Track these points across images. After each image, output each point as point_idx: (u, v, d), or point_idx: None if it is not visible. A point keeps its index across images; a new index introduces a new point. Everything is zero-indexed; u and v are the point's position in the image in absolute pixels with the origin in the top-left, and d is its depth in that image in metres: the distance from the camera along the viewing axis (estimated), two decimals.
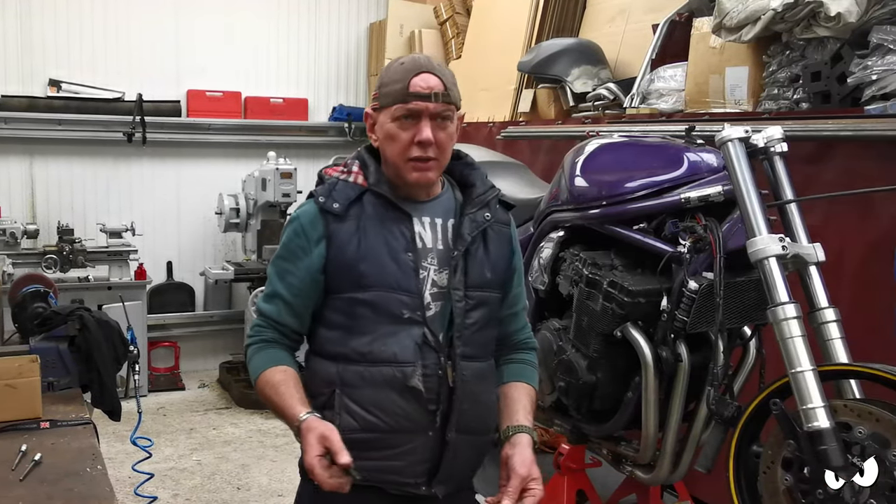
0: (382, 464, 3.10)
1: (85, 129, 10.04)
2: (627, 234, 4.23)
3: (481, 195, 3.25)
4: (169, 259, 10.69)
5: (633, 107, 6.66)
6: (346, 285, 3.10)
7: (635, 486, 4.91)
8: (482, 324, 3.21)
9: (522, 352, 3.49)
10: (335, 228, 3.10)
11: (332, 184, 3.16)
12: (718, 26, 5.51)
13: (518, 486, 3.02)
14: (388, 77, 3.08)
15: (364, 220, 3.10)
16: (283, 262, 3.18)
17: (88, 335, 4.92)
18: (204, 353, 10.90)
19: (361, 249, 3.07)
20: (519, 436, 3.18)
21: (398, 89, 3.03)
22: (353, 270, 3.07)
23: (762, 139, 3.80)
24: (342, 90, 11.49)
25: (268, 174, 9.85)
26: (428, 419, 3.10)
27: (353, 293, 3.09)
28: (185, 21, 10.52)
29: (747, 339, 4.29)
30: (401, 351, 3.07)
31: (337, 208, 3.09)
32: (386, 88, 3.07)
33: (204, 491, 7.18)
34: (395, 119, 3.04)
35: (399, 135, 3.04)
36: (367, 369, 3.07)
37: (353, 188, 3.14)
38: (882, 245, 4.48)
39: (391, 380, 3.05)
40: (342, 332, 3.13)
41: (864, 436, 3.17)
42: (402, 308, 3.08)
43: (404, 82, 3.02)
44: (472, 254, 3.19)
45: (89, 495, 3.45)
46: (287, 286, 3.16)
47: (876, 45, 4.70)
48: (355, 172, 3.18)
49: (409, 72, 3.04)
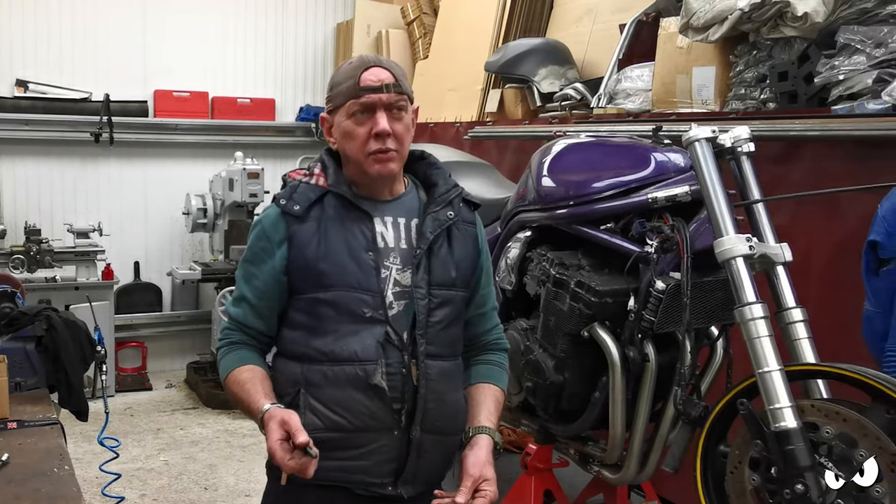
0: (348, 463, 3.10)
1: (52, 129, 10.00)
2: (595, 234, 4.23)
3: (444, 194, 3.26)
4: (136, 259, 10.64)
5: (601, 107, 6.67)
6: (307, 285, 3.12)
7: (602, 486, 4.91)
8: (447, 322, 3.21)
9: (492, 352, 3.49)
10: (296, 230, 3.12)
11: (294, 187, 3.19)
12: (685, 26, 5.52)
13: (470, 486, 3.03)
14: (338, 78, 3.15)
15: (324, 221, 3.13)
16: (248, 266, 3.22)
17: (56, 335, 4.89)
18: (171, 353, 10.86)
19: (321, 249, 3.09)
20: (478, 437, 3.19)
21: (349, 86, 3.07)
22: (313, 270, 3.09)
23: (729, 139, 3.80)
24: (309, 90, 11.46)
25: (235, 174, 9.84)
26: (393, 418, 3.10)
27: (315, 293, 3.11)
28: (152, 21, 10.48)
29: (715, 339, 4.30)
30: (362, 349, 3.07)
31: (297, 210, 3.12)
32: (337, 88, 3.12)
33: (171, 491, 7.15)
34: (350, 116, 3.09)
35: (356, 130, 3.08)
36: (329, 368, 3.08)
37: (313, 190, 3.17)
38: (849, 245, 4.48)
39: (354, 378, 3.06)
40: (305, 332, 3.15)
41: (832, 436, 3.17)
42: (364, 307, 3.09)
43: (354, 78, 3.07)
44: (436, 252, 3.20)
45: (57, 495, 3.43)
46: (252, 289, 3.19)
47: (843, 45, 4.71)
48: (317, 174, 3.21)
49: (358, 68, 3.09)
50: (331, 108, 3.16)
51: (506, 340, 3.59)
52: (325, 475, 3.01)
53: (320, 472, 2.96)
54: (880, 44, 4.55)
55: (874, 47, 4.57)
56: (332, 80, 3.18)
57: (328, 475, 3.05)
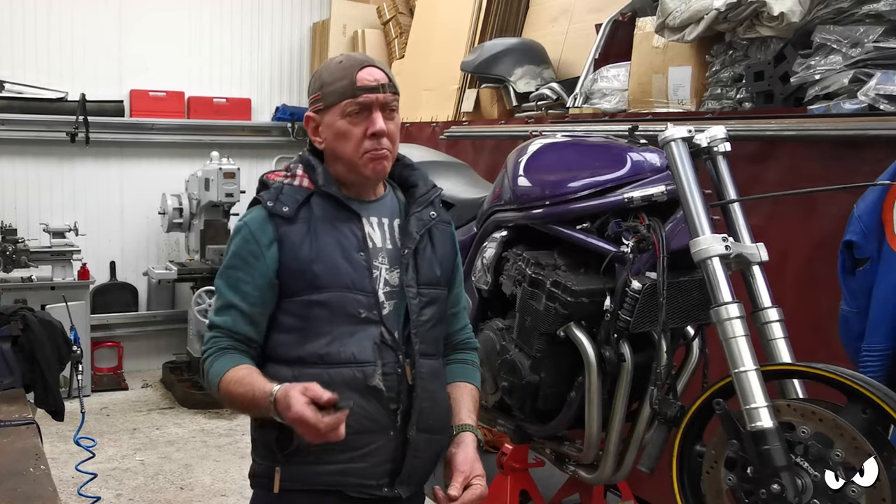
0: (344, 466, 3.07)
1: (28, 129, 9.99)
2: (570, 233, 4.22)
3: (425, 194, 3.27)
4: (112, 259, 10.64)
5: (577, 106, 6.67)
6: (300, 287, 3.06)
7: (579, 486, 4.90)
8: (435, 321, 3.23)
9: (464, 351, 3.51)
10: (286, 231, 3.07)
11: (278, 188, 3.13)
12: (661, 26, 5.52)
13: (462, 482, 3.06)
14: (330, 76, 3.08)
15: (314, 222, 3.09)
16: (234, 272, 3.12)
17: (31, 335, 4.90)
18: (147, 352, 10.86)
19: (314, 251, 3.05)
20: (462, 434, 3.22)
21: (345, 85, 3.03)
22: (306, 272, 3.04)
23: (705, 139, 3.80)
24: (285, 90, 11.46)
25: (211, 174, 9.84)
26: (389, 419, 3.09)
27: (308, 295, 3.06)
28: (128, 21, 10.47)
29: (690, 339, 4.29)
30: (360, 351, 3.05)
31: (286, 211, 3.06)
32: (330, 87, 3.07)
33: (147, 491, 7.14)
34: (345, 115, 3.05)
35: (351, 131, 3.05)
36: (325, 371, 3.03)
37: (299, 191, 3.13)
38: (825, 245, 4.49)
39: (351, 381, 3.03)
40: (297, 335, 3.10)
41: (808, 435, 3.17)
42: (359, 307, 3.07)
43: (350, 78, 3.03)
44: (421, 252, 3.21)
45: (32, 495, 3.43)
46: (242, 296, 3.09)
47: (819, 45, 4.71)
48: (300, 175, 3.17)
49: (353, 67, 3.06)
50: (320, 107, 3.12)
51: (475, 340, 3.61)
52: (320, 479, 3.04)
53: (315, 476, 3.01)
54: (856, 43, 4.56)
55: (850, 47, 4.58)
56: (320, 78, 3.13)
57: (324, 479, 3.06)
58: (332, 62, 3.14)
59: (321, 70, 3.16)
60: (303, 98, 11.42)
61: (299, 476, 3.07)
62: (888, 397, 3.06)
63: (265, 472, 3.12)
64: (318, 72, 3.17)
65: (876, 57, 4.51)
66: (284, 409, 2.79)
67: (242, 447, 8.07)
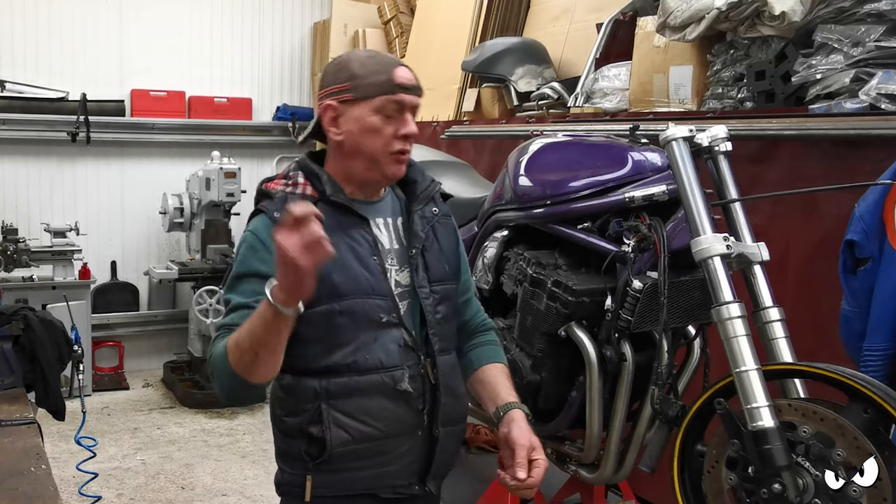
0: (377, 471, 3.08)
1: (29, 128, 10.03)
2: (572, 233, 4.21)
3: (425, 190, 3.26)
4: (113, 259, 10.67)
5: (578, 106, 6.67)
6: (320, 298, 2.93)
7: (579, 486, 4.89)
8: (448, 316, 3.24)
9: (484, 334, 3.53)
10: None
11: (282, 198, 3.03)
12: (662, 25, 5.52)
13: (525, 456, 3.04)
14: (362, 69, 3.00)
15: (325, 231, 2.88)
16: (243, 283, 2.96)
17: (33, 335, 4.90)
18: (148, 352, 10.90)
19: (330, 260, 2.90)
20: (512, 412, 3.20)
21: (383, 81, 2.98)
22: (326, 282, 2.91)
23: (706, 138, 3.79)
24: (286, 90, 11.48)
25: (212, 174, 9.86)
26: (418, 419, 3.10)
27: (329, 304, 2.98)
28: (129, 20, 10.51)
29: (692, 339, 4.29)
30: (386, 356, 3.04)
31: None
32: (364, 80, 2.98)
33: (148, 490, 7.16)
34: (378, 112, 2.98)
35: (383, 128, 2.99)
36: (353, 379, 3.01)
37: (305, 199, 2.99)
38: (826, 244, 4.49)
39: (381, 386, 3.02)
40: (321, 345, 3.03)
41: (809, 435, 3.17)
42: (380, 312, 3.04)
43: (388, 74, 2.99)
44: (429, 249, 3.20)
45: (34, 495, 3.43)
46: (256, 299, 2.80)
47: (820, 45, 4.71)
48: (302, 184, 3.09)
49: (389, 64, 3.02)
50: (348, 97, 2.99)
51: (490, 320, 3.61)
52: (354, 485, 3.05)
53: (349, 482, 3.02)
54: (857, 43, 4.55)
55: (851, 46, 4.58)
56: (348, 68, 3.01)
57: (357, 485, 3.07)
58: (359, 55, 3.07)
59: (346, 61, 3.06)
60: (303, 98, 11.46)
61: (332, 483, 3.06)
62: (889, 397, 3.06)
63: (295, 481, 3.10)
64: (342, 62, 3.07)
65: (877, 56, 4.50)
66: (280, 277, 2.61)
67: (243, 447, 8.09)
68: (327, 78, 3.08)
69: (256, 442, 8.29)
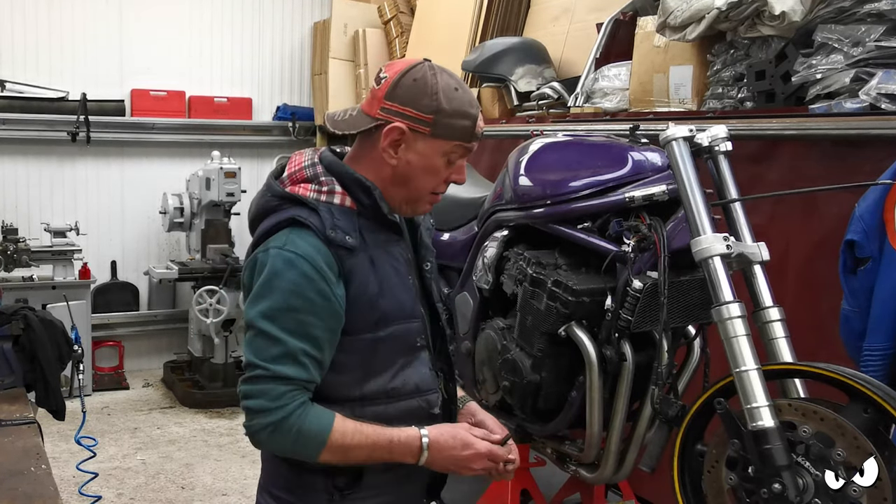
0: (400, 493, 3.04)
1: (29, 128, 10.02)
2: (572, 233, 4.21)
3: None
4: (113, 258, 10.66)
5: (578, 106, 6.66)
6: (364, 326, 2.85)
7: (579, 486, 4.90)
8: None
9: None
10: (351, 264, 2.80)
11: (328, 211, 2.81)
12: (663, 25, 5.52)
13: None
14: (450, 105, 2.79)
15: (370, 250, 2.86)
16: (298, 315, 2.73)
17: (33, 335, 4.91)
18: (148, 352, 10.91)
19: (376, 284, 2.85)
20: (469, 404, 3.25)
21: (466, 127, 2.82)
22: (374, 310, 2.85)
23: (706, 138, 3.79)
24: (286, 89, 11.46)
25: (212, 173, 9.84)
26: None
27: (374, 333, 2.87)
28: (129, 20, 10.48)
29: (692, 339, 4.29)
30: (421, 380, 3.00)
31: (350, 242, 2.79)
32: (448, 119, 2.79)
33: (148, 490, 7.17)
34: (445, 154, 2.84)
35: (441, 171, 2.87)
36: (388, 406, 2.93)
37: (348, 214, 2.86)
38: (826, 244, 4.49)
39: (417, 411, 2.98)
40: (358, 373, 2.90)
41: (809, 435, 3.17)
42: (417, 336, 3.00)
43: (472, 121, 2.83)
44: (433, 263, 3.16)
45: (34, 494, 3.44)
46: (313, 342, 2.75)
47: (820, 44, 4.71)
48: (339, 193, 2.87)
49: (473, 106, 2.84)
50: (425, 131, 2.78)
51: None
52: None
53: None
54: (858, 42, 4.55)
55: (852, 46, 4.58)
56: (437, 99, 2.77)
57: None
58: (447, 83, 2.81)
59: (434, 88, 2.79)
60: (303, 97, 11.46)
61: None
62: (889, 397, 3.06)
63: None
64: (430, 88, 2.79)
65: (877, 56, 4.50)
66: (451, 449, 2.79)
67: (243, 447, 8.08)
68: (408, 95, 2.81)
69: None
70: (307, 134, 11.36)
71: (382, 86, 2.83)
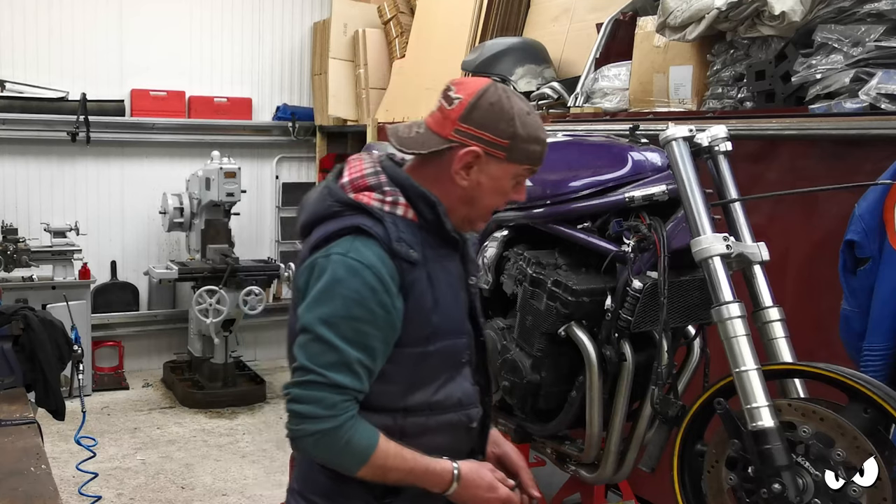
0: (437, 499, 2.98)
1: (29, 128, 10.02)
2: (572, 233, 4.22)
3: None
4: (113, 258, 10.65)
5: (578, 106, 6.65)
6: (416, 339, 2.83)
7: (579, 486, 4.90)
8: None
9: None
10: (412, 278, 2.77)
11: (393, 222, 2.78)
12: (662, 25, 5.51)
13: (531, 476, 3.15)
14: (525, 132, 2.79)
15: (429, 265, 2.83)
16: (358, 325, 2.70)
17: (32, 335, 4.90)
18: (148, 352, 10.88)
19: (432, 299, 2.82)
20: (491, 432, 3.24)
21: (537, 152, 2.84)
22: (427, 325, 2.83)
23: (706, 138, 3.79)
24: (286, 89, 11.44)
25: (212, 173, 9.83)
26: (471, 446, 3.10)
27: (424, 347, 2.85)
28: (129, 20, 10.47)
29: (692, 339, 4.30)
30: (464, 395, 2.99)
31: (414, 255, 2.77)
32: (524, 144, 2.79)
33: (148, 490, 7.17)
34: (514, 177, 2.85)
35: (508, 192, 2.87)
36: (431, 418, 2.92)
37: (412, 227, 2.82)
38: (826, 244, 4.49)
39: (456, 424, 2.98)
40: (403, 384, 2.87)
41: (809, 435, 3.17)
42: (464, 351, 2.99)
43: (542, 146, 2.85)
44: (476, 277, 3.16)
45: (33, 494, 3.44)
46: (370, 353, 2.73)
47: (820, 44, 4.71)
48: (403, 205, 2.83)
49: (542, 131, 2.85)
50: (501, 155, 2.78)
51: None
52: None
53: None
54: (857, 43, 4.55)
55: (851, 46, 4.58)
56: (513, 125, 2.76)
57: None
58: (521, 108, 2.80)
59: (511, 113, 2.77)
60: (303, 97, 11.45)
61: None
62: (889, 397, 3.07)
63: None
64: (507, 113, 2.77)
65: (877, 56, 4.50)
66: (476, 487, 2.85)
67: (243, 447, 8.10)
68: (484, 119, 2.78)
69: (256, 442, 8.30)
70: (307, 134, 11.36)
71: (456, 107, 2.80)
